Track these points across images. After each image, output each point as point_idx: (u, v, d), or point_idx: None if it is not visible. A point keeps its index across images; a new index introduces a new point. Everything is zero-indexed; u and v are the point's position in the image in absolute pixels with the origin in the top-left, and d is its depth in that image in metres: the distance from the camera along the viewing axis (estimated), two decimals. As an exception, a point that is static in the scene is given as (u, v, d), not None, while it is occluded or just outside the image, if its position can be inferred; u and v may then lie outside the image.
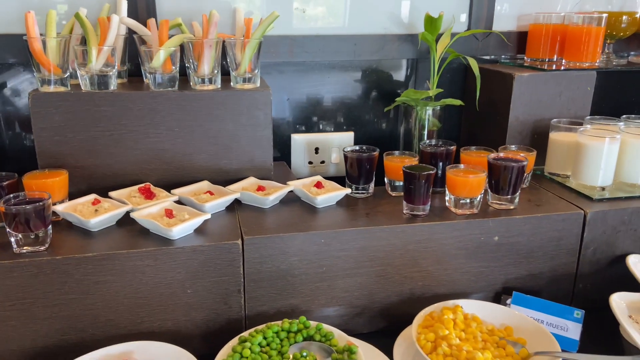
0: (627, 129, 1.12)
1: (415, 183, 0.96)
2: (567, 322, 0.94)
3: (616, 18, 1.35)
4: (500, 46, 1.42)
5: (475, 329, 0.89)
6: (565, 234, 1.02)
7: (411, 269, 0.97)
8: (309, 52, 1.31)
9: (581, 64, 1.26)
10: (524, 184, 1.14)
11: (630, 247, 1.06)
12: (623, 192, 1.10)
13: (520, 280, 1.03)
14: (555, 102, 1.25)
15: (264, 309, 0.92)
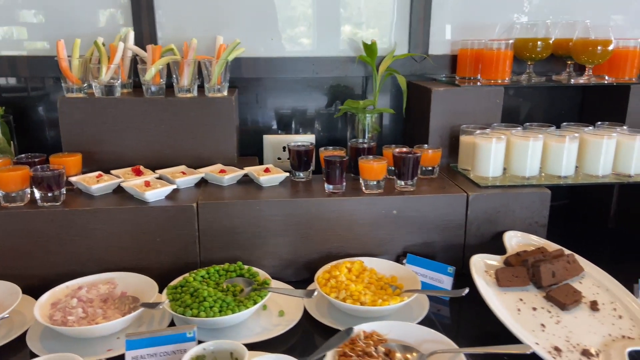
0: (516, 133, 1.39)
1: (331, 167, 1.27)
2: (443, 276, 1.21)
3: (533, 43, 1.62)
4: (438, 67, 1.72)
5: (366, 275, 1.18)
6: (453, 212, 1.30)
7: (328, 233, 1.28)
8: (280, 70, 1.65)
9: (495, 81, 1.54)
10: (433, 175, 1.43)
11: (509, 225, 1.32)
12: (511, 182, 1.37)
13: (417, 247, 1.32)
14: (471, 112, 1.53)
15: (215, 257, 1.25)
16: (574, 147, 1.38)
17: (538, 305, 1.07)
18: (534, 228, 1.34)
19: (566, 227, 1.77)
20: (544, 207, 1.33)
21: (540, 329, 1.00)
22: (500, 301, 1.08)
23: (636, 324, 1.03)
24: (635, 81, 1.57)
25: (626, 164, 1.41)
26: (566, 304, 1.06)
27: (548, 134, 1.40)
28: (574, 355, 0.94)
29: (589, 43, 1.53)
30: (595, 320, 1.04)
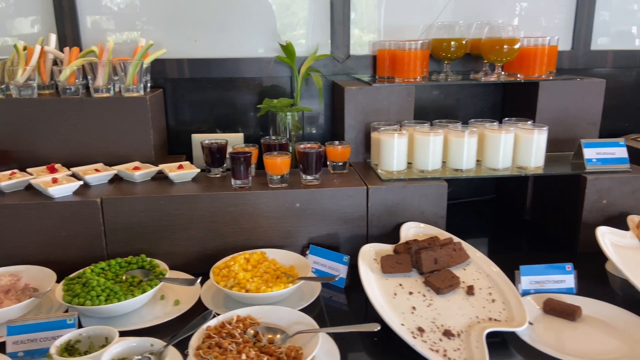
0: (419, 129, 1.45)
1: (235, 162, 1.33)
2: (339, 265, 1.27)
3: (447, 43, 1.69)
4: (361, 67, 1.78)
5: (264, 266, 1.23)
6: (355, 204, 1.36)
7: (234, 226, 1.33)
8: (205, 71, 1.71)
9: (408, 80, 1.61)
10: (344, 170, 1.49)
11: (409, 216, 1.38)
12: (416, 175, 1.43)
13: (322, 238, 1.37)
14: (385, 110, 1.59)
15: (121, 251, 1.30)
16: (473, 142, 1.44)
17: (415, 290, 1.13)
18: (433, 219, 1.40)
19: (490, 220, 1.84)
20: (441, 199, 1.39)
21: (410, 311, 1.06)
22: (379, 286, 1.13)
23: (507, 307, 1.09)
24: (544, 78, 1.64)
25: (525, 158, 1.47)
26: (441, 289, 1.11)
27: (449, 130, 1.46)
28: (435, 335, 0.99)
29: (495, 42, 1.60)
30: (467, 303, 1.10)
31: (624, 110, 1.96)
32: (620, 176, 1.43)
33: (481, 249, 1.30)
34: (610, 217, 1.44)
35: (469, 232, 1.71)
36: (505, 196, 1.91)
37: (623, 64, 1.90)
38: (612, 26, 1.87)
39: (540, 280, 1.20)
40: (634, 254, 1.27)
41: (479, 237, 1.68)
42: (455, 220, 1.43)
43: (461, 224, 1.77)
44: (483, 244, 1.62)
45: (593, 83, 1.63)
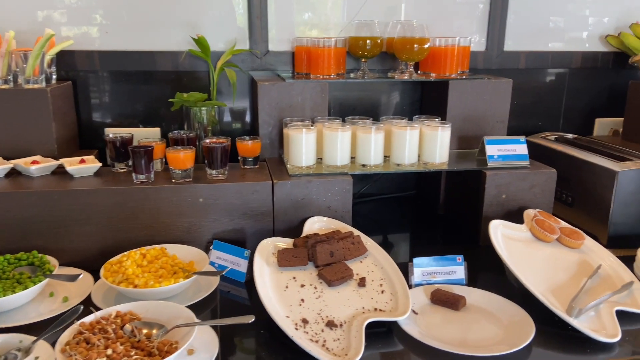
0: (328, 125, 1.47)
1: (136, 157, 1.31)
2: (240, 260, 1.27)
3: (363, 41, 1.72)
4: (280, 63, 1.79)
5: (161, 261, 1.22)
6: (260, 199, 1.36)
7: (134, 222, 1.31)
8: (118, 64, 1.67)
9: (324, 77, 1.62)
10: (256, 165, 1.49)
11: (315, 211, 1.40)
12: (326, 170, 1.45)
13: (228, 233, 1.37)
14: (299, 106, 1.60)
15: (13, 247, 1.26)
16: (380, 138, 1.47)
17: (308, 283, 1.15)
18: (339, 213, 1.42)
19: (407, 215, 1.88)
20: (347, 193, 1.41)
21: (298, 303, 1.08)
22: (272, 280, 1.14)
23: (394, 298, 1.12)
24: (454, 77, 1.70)
25: (430, 154, 1.51)
26: (332, 281, 1.13)
27: (358, 126, 1.49)
28: (318, 327, 1.01)
29: (407, 41, 1.64)
30: (357, 295, 1.12)
31: (537, 109, 2.05)
32: (519, 172, 1.50)
33: (395, 242, 1.34)
34: (510, 212, 1.50)
35: (386, 226, 1.77)
36: (424, 192, 1.96)
37: (535, 65, 1.98)
38: (524, 28, 1.95)
39: (432, 271, 1.23)
40: (525, 247, 1.33)
41: (396, 232, 1.72)
42: (378, 215, 1.47)
43: (382, 219, 1.84)
44: (397, 238, 1.67)
45: (501, 83, 1.70)
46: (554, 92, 2.05)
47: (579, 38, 2.00)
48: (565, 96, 2.06)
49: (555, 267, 1.26)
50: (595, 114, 2.10)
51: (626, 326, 1.08)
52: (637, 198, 1.45)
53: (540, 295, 1.10)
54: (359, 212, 1.86)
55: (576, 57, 2.00)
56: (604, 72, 2.04)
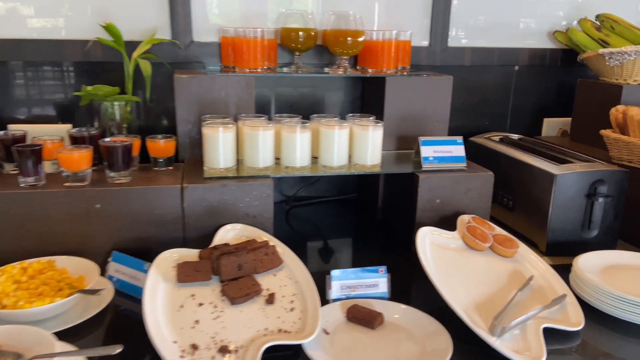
0: (249, 123, 1.35)
1: (22, 157, 1.16)
2: (139, 274, 1.13)
3: (296, 33, 1.59)
4: (207, 55, 1.65)
5: (45, 276, 1.07)
6: (168, 205, 1.23)
7: (21, 230, 1.16)
8: (20, 54, 1.51)
9: (251, 70, 1.50)
10: (169, 166, 1.36)
11: (231, 218, 1.27)
12: (247, 173, 1.33)
13: (132, 242, 1.23)
14: (223, 102, 1.47)
15: None
16: (306, 138, 1.36)
17: (208, 301, 1.02)
18: (259, 220, 1.30)
19: (345, 219, 1.77)
20: (268, 199, 1.29)
21: (191, 326, 0.95)
22: (167, 297, 1.01)
23: (303, 316, 1.00)
24: (393, 73, 1.59)
25: (361, 155, 1.41)
26: (235, 298, 1.01)
27: (282, 125, 1.37)
28: (209, 353, 0.89)
29: (339, 33, 1.52)
30: (261, 314, 1.00)
31: (484, 108, 1.97)
32: (455, 175, 1.40)
33: (325, 250, 1.23)
34: (445, 217, 1.41)
35: (320, 232, 1.66)
36: (365, 195, 1.86)
37: (481, 62, 1.90)
38: (469, 23, 1.86)
39: (352, 284, 1.12)
40: (456, 256, 1.23)
41: (329, 238, 1.61)
42: (314, 220, 1.36)
43: (318, 224, 1.72)
44: (329, 245, 1.55)
45: (440, 80, 1.60)
46: (501, 91, 1.97)
47: (527, 34, 1.92)
48: (512, 95, 1.98)
49: (486, 278, 1.17)
50: (544, 114, 2.03)
51: (554, 345, 0.99)
52: (576, 203, 1.37)
53: (461, 311, 1.00)
54: (296, 216, 1.75)
55: (523, 54, 1.92)
56: (552, 70, 1.98)
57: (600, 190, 1.35)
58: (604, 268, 1.20)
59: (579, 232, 1.39)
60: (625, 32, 1.74)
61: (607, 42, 1.76)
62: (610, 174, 1.36)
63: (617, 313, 1.07)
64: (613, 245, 1.43)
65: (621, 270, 1.20)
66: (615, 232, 1.42)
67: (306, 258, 1.37)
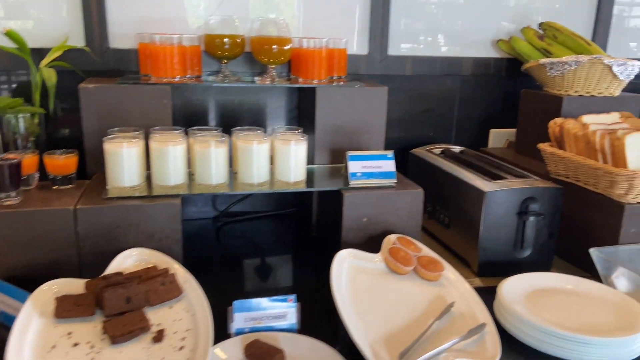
0: (158, 138, 1.24)
1: None
2: (22, 305, 1.02)
3: (220, 40, 1.50)
4: (125, 62, 1.55)
5: None
6: (60, 228, 1.12)
7: None
8: None
9: (160, 79, 1.39)
10: (71, 184, 1.25)
11: (133, 242, 1.16)
12: (156, 192, 1.22)
13: (20, 270, 1.12)
14: (137, 113, 1.36)
15: None
16: (221, 153, 1.26)
17: (85, 340, 0.91)
18: (166, 244, 1.19)
19: (278, 237, 1.68)
20: (174, 220, 1.19)
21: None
22: (39, 336, 0.90)
23: (191, 356, 0.90)
24: (325, 82, 1.51)
25: (284, 171, 1.32)
26: (117, 336, 0.91)
27: (195, 139, 1.27)
28: (71, 405, 0.79)
29: (264, 41, 1.44)
30: (145, 354, 0.90)
31: (428, 119, 1.90)
32: (382, 192, 1.32)
33: (243, 273, 1.13)
34: (372, 237, 1.32)
35: (248, 251, 1.55)
36: (302, 210, 1.77)
37: (423, 71, 1.83)
38: (410, 31, 1.80)
39: (258, 316, 1.03)
40: (376, 280, 1.14)
41: (254, 257, 1.52)
42: (246, 238, 1.28)
43: (249, 242, 1.63)
44: (250, 267, 1.45)
45: (375, 90, 1.52)
46: (445, 101, 1.90)
47: (471, 43, 1.86)
48: (457, 105, 1.92)
49: (405, 306, 1.08)
50: (490, 124, 1.97)
51: (467, 382, 0.92)
52: (508, 221, 1.30)
53: (367, 347, 0.92)
54: (227, 234, 1.66)
55: (467, 63, 1.86)
56: (497, 80, 1.92)
57: (531, 208, 1.29)
58: (530, 293, 1.13)
59: (511, 252, 1.32)
60: (568, 41, 1.69)
61: (550, 51, 1.71)
62: (542, 191, 1.29)
63: (537, 345, 1.00)
64: (548, 265, 1.37)
65: (548, 295, 1.13)
66: (550, 251, 1.36)
67: (220, 284, 1.30)
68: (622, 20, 2.02)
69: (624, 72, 1.54)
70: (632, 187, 1.22)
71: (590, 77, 1.57)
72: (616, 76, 1.54)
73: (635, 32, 2.06)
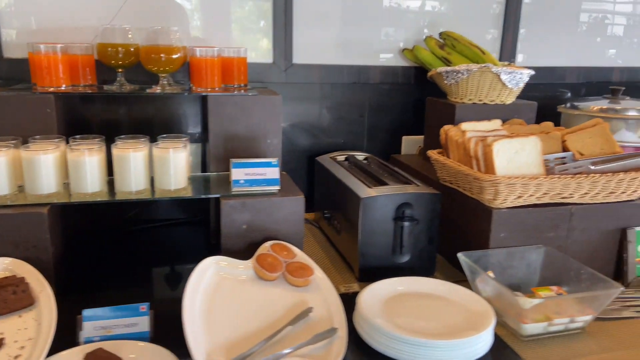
0: (32, 146, 1.24)
1: None
2: None
3: (113, 48, 1.50)
4: (19, 72, 1.54)
5: None
6: None
7: None
8: None
9: (44, 89, 1.39)
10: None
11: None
12: (29, 201, 1.22)
13: None
14: (17, 123, 1.35)
15: None
16: (95, 161, 1.26)
17: None
18: (33, 253, 1.18)
19: (178, 244, 1.68)
20: (41, 229, 1.19)
21: None
22: None
23: (27, 364, 0.91)
24: (219, 91, 1.52)
25: (165, 180, 1.32)
26: (-54, 348, 0.91)
27: (69, 147, 1.27)
28: None
29: (151, 50, 1.44)
30: (-25, 364, 0.90)
31: (340, 126, 1.93)
32: (262, 199, 1.33)
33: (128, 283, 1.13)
34: (254, 244, 1.33)
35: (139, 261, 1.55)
36: (206, 218, 1.78)
37: (330, 79, 1.86)
38: (316, 39, 1.82)
39: (108, 325, 1.03)
40: (243, 288, 1.15)
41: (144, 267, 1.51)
42: (148, 245, 1.30)
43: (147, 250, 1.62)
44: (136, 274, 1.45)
45: (269, 99, 1.53)
46: (355, 109, 1.93)
47: (379, 51, 1.90)
48: (367, 113, 1.95)
49: (264, 312, 1.09)
50: (403, 131, 2.01)
51: (303, 387, 0.93)
52: (385, 227, 1.32)
53: (202, 354, 0.93)
54: (133, 241, 1.66)
55: (375, 72, 1.90)
56: (407, 88, 1.96)
57: (407, 214, 1.32)
58: (390, 298, 1.14)
59: (390, 257, 1.35)
60: (465, 50, 1.73)
61: (450, 60, 1.75)
62: (417, 196, 1.32)
63: (383, 350, 1.01)
64: (431, 269, 1.40)
65: (407, 300, 1.14)
66: (431, 256, 1.38)
67: (96, 292, 1.30)
68: (533, 27, 2.08)
69: (512, 80, 1.58)
70: (497, 192, 1.25)
71: (481, 86, 1.61)
72: (505, 84, 1.59)
73: (544, 39, 2.12)
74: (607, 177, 1.27)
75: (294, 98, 1.85)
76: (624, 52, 2.22)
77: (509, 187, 1.24)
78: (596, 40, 2.17)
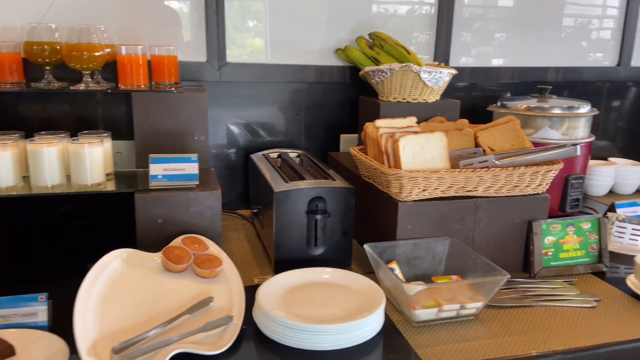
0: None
1: None
2: None
3: (39, 47, 1.52)
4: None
5: None
6: None
7: None
8: None
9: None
10: None
11: None
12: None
13: None
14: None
15: None
16: (8, 156, 1.28)
17: None
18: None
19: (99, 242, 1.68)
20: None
21: None
22: None
23: None
24: (144, 89, 1.55)
25: (81, 175, 1.35)
26: None
27: (-18, 143, 1.29)
28: None
29: (72, 48, 1.46)
30: None
31: (278, 124, 1.96)
32: (178, 193, 1.36)
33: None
34: (170, 237, 1.35)
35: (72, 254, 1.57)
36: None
37: (265, 79, 1.89)
38: (249, 38, 1.86)
39: (6, 314, 1.05)
40: (145, 279, 1.18)
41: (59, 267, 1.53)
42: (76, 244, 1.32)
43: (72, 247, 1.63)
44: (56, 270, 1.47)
45: (194, 96, 1.56)
46: (292, 107, 1.97)
47: (313, 50, 1.93)
48: (304, 111, 1.99)
49: (162, 303, 1.11)
50: (341, 130, 2.05)
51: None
52: (299, 220, 1.36)
53: (84, 341, 0.95)
54: (61, 237, 1.67)
55: (309, 71, 1.93)
56: (342, 87, 2.00)
57: (320, 208, 1.36)
58: (291, 288, 1.18)
59: (305, 250, 1.38)
60: (392, 50, 1.78)
61: (379, 59, 1.80)
62: (329, 190, 1.36)
63: (278, 338, 1.04)
64: (347, 261, 1.43)
65: (306, 289, 1.18)
66: (347, 248, 1.42)
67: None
68: (474, 29, 2.14)
69: (432, 79, 1.63)
70: (402, 186, 1.29)
71: (403, 84, 1.66)
72: (426, 83, 1.64)
73: (484, 41, 2.18)
74: (508, 170, 1.33)
75: (231, 96, 1.88)
76: (559, 52, 2.29)
77: (411, 181, 1.28)
78: (533, 41, 2.24)
